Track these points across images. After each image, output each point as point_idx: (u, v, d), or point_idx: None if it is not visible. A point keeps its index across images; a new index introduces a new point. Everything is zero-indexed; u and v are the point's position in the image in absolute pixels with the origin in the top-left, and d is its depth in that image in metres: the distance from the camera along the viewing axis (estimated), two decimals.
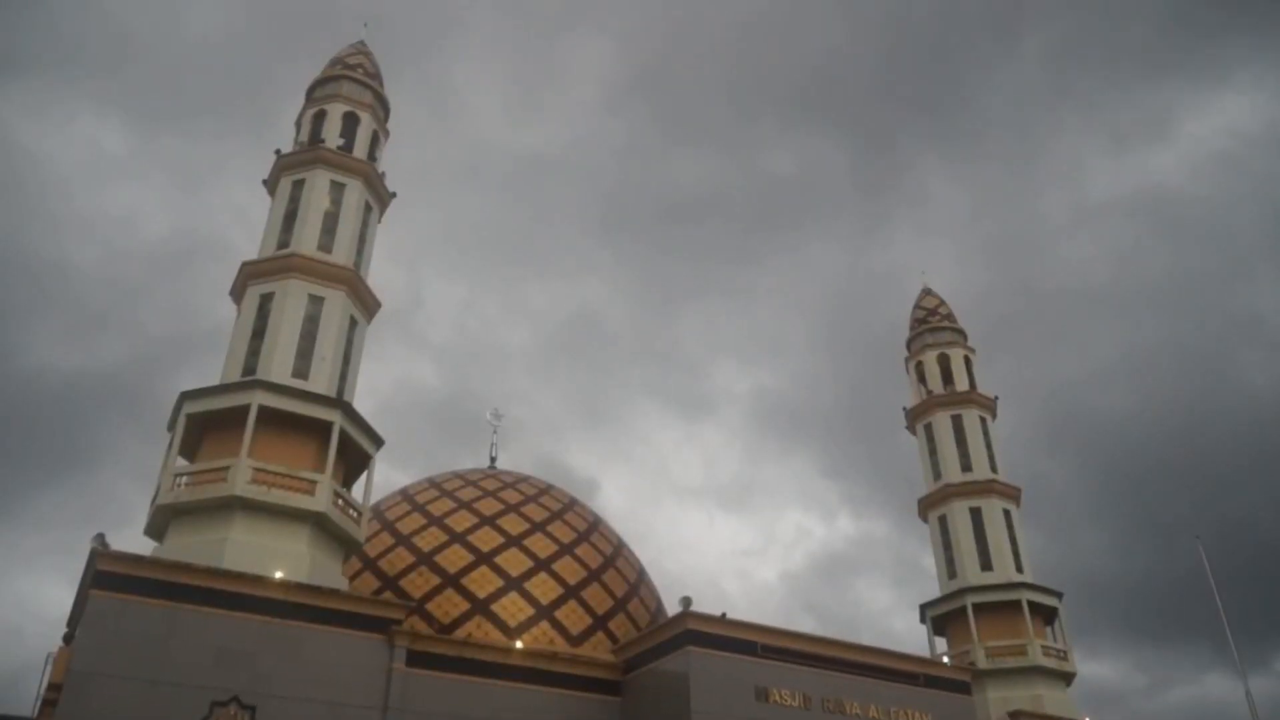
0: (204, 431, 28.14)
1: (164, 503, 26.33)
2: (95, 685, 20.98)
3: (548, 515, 36.12)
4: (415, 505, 35.85)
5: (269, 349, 29.19)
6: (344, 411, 28.61)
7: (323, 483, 27.05)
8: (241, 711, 22.33)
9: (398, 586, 31.47)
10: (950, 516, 40.30)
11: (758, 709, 25.61)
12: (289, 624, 23.66)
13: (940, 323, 45.69)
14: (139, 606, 22.20)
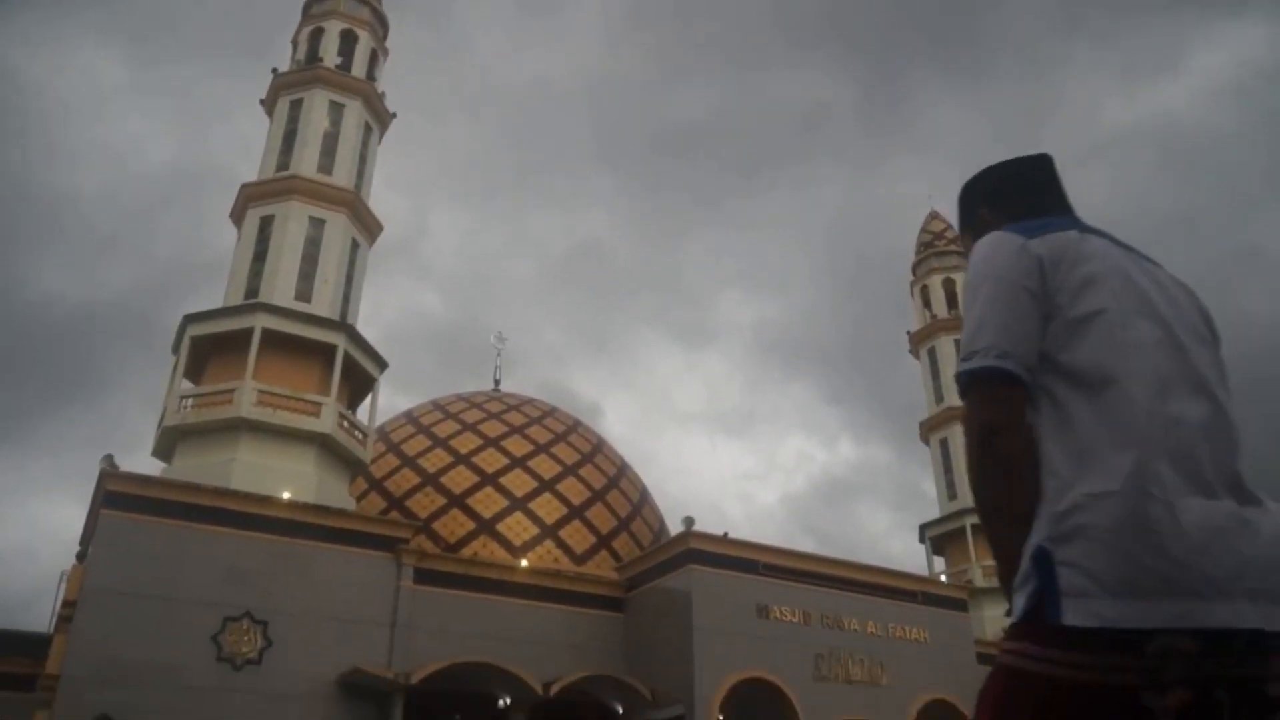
0: (208, 355, 28.27)
1: (170, 425, 26.59)
2: (109, 602, 21.40)
3: (551, 437, 36.44)
4: (420, 427, 36.17)
5: (271, 272, 29.14)
6: (347, 334, 28.70)
7: (328, 405, 27.27)
8: (254, 626, 22.83)
9: (404, 507, 31.91)
10: (951, 439, 40.61)
11: (758, 625, 26.15)
12: (298, 543, 24.06)
13: (946, 246, 45.43)
14: (149, 526, 22.55)
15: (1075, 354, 1.58)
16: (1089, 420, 1.52)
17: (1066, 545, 1.43)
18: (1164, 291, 1.75)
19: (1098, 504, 1.43)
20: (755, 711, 26.48)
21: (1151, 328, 1.63)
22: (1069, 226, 1.76)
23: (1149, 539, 1.39)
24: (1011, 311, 1.58)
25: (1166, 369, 1.60)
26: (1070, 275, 1.62)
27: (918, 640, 28.50)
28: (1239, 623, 1.36)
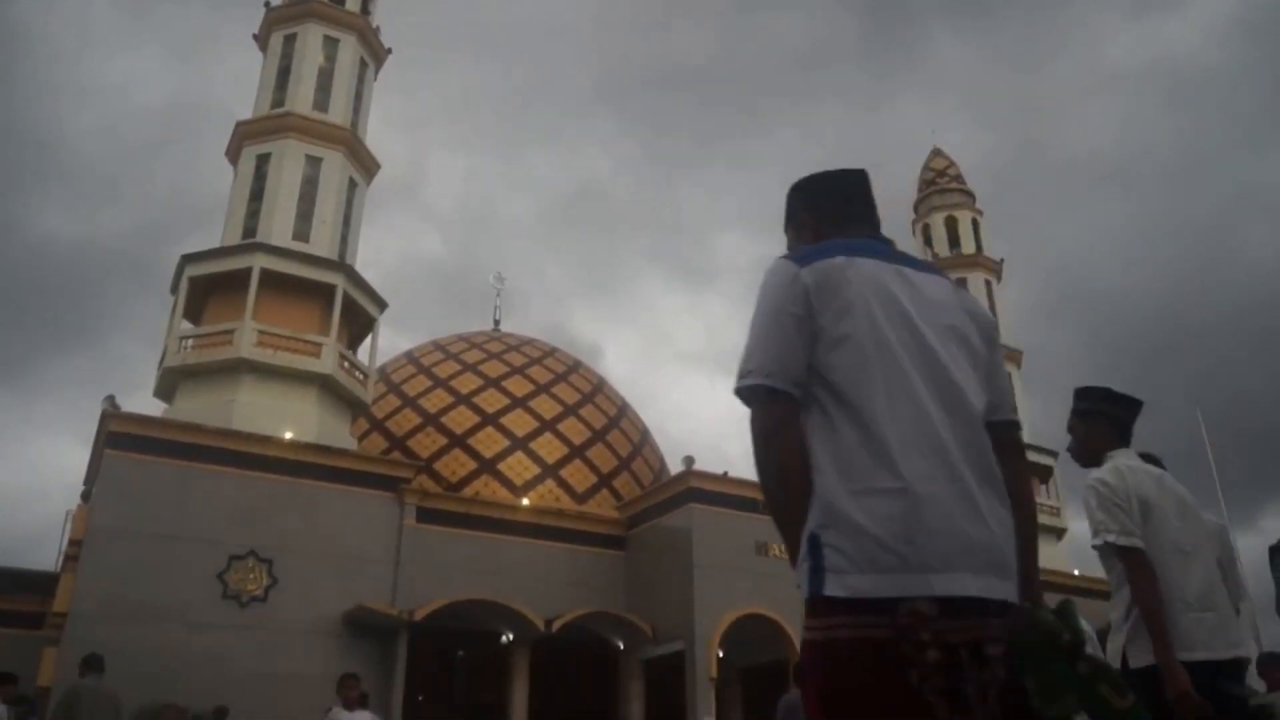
0: (207, 295, 28.15)
1: (171, 366, 26.58)
2: (114, 541, 21.60)
3: (552, 377, 36.47)
4: (421, 368, 36.18)
5: (268, 211, 28.90)
6: (346, 274, 28.55)
7: (328, 345, 27.23)
8: (259, 564, 23.08)
9: (405, 447, 32.04)
10: None
11: (758, 562, 26.40)
12: (301, 482, 24.20)
13: (949, 184, 45.00)
14: (152, 466, 22.66)
15: (836, 369, 1.84)
16: (848, 426, 1.79)
17: (830, 531, 1.74)
18: (924, 302, 1.94)
19: (854, 498, 1.73)
20: (754, 648, 26.88)
21: (904, 340, 1.86)
22: (844, 251, 1.97)
23: (888, 525, 1.69)
24: (780, 335, 1.87)
25: (916, 377, 1.82)
26: (832, 300, 1.87)
27: None
28: (964, 592, 1.67)
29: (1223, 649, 2.97)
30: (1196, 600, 3.02)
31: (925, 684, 1.61)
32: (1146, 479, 3.22)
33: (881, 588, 1.66)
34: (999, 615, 1.71)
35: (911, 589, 1.65)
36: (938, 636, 1.63)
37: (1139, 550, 3.02)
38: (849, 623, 1.67)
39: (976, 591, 1.68)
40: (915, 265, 2.05)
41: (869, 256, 1.98)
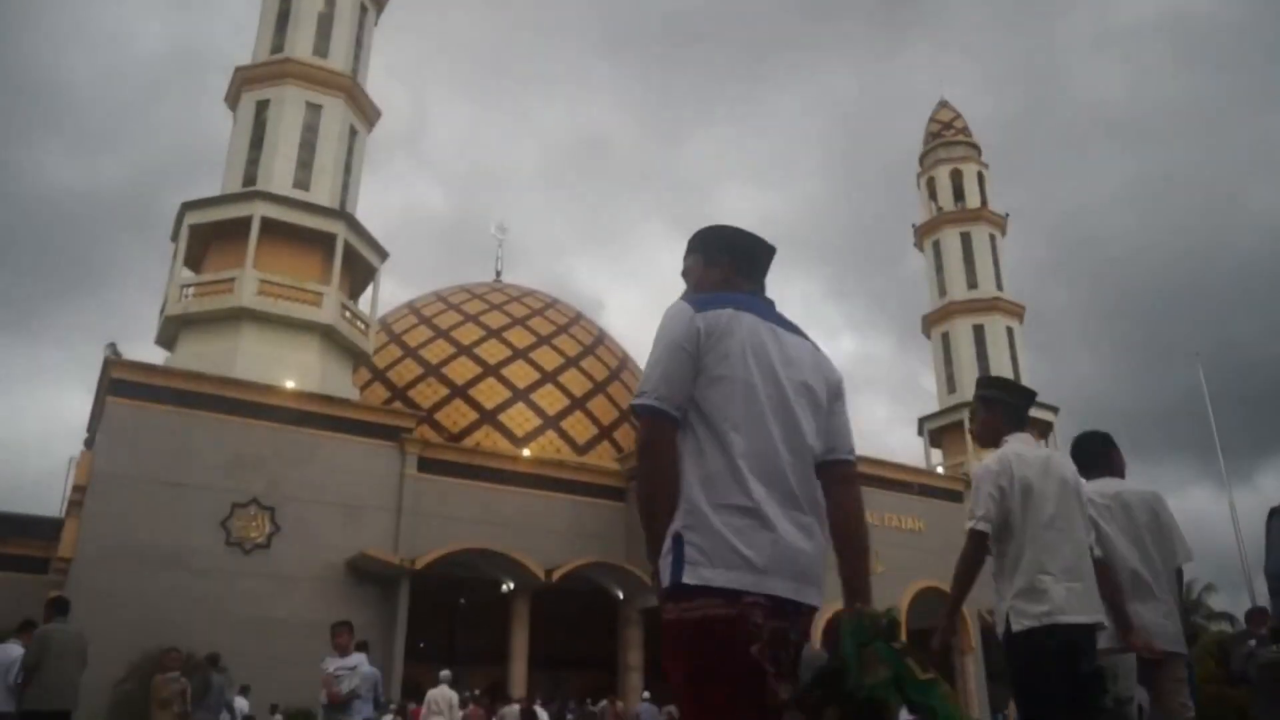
0: (208, 243, 28.04)
1: (172, 314, 26.54)
2: (118, 487, 21.72)
3: (554, 329, 36.45)
4: (422, 318, 36.15)
5: (268, 159, 28.66)
6: (347, 223, 28.40)
7: (329, 295, 27.17)
8: (261, 512, 23.24)
9: (407, 397, 32.11)
10: (953, 333, 40.60)
11: None
12: (303, 431, 24.29)
13: (955, 137, 44.54)
14: (155, 413, 22.72)
15: (710, 403, 2.21)
16: (714, 450, 2.18)
17: (692, 533, 2.12)
18: (787, 360, 2.34)
19: (713, 509, 2.12)
20: None
21: (767, 388, 2.25)
22: (732, 304, 2.33)
23: (739, 535, 2.10)
24: (673, 366, 2.22)
25: (771, 419, 2.22)
26: (717, 345, 2.23)
27: (913, 530, 29.05)
28: (782, 593, 2.10)
29: (1086, 615, 3.35)
30: (1064, 572, 3.39)
31: (763, 655, 2.06)
32: (1032, 464, 3.58)
33: (729, 581, 2.08)
34: (804, 614, 2.21)
35: (750, 586, 2.08)
36: (765, 622, 2.08)
37: (982, 534, 3.53)
38: (702, 605, 2.07)
39: (792, 595, 2.14)
40: (786, 326, 2.45)
41: (752, 313, 2.35)
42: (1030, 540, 3.47)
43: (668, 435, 2.21)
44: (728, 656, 2.04)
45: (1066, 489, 3.59)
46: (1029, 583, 3.43)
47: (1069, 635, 3.32)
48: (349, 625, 8.47)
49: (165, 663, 10.76)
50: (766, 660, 2.05)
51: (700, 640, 2.07)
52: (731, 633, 2.04)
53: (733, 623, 2.05)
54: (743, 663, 2.03)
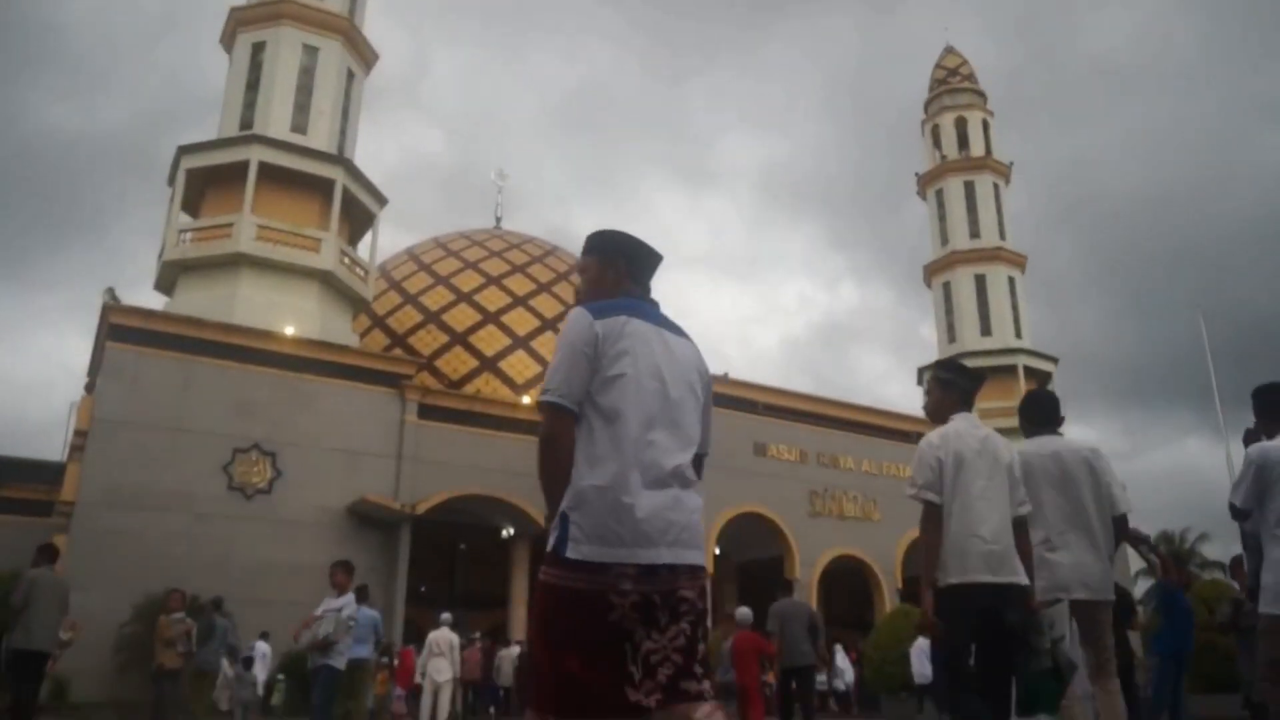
0: (205, 187, 27.84)
1: (170, 259, 26.45)
2: (119, 432, 21.80)
3: (553, 276, 36.32)
4: (422, 265, 36.02)
5: (265, 102, 28.35)
6: (346, 168, 28.17)
7: (328, 241, 27.04)
8: (263, 457, 23.35)
9: (406, 344, 32.12)
10: (954, 283, 40.50)
11: (756, 463, 26.74)
12: (303, 378, 24.32)
13: (960, 83, 43.97)
14: (155, 359, 22.73)
15: (603, 399, 2.53)
16: (602, 440, 2.50)
17: (576, 512, 2.45)
18: (673, 360, 2.67)
19: (594, 491, 2.44)
20: (752, 544, 27.43)
21: (654, 385, 2.57)
22: (625, 310, 2.66)
23: (613, 514, 2.41)
24: (573, 366, 2.54)
25: (654, 412, 2.55)
26: (612, 349, 2.56)
27: None
28: (660, 560, 2.43)
29: (1004, 576, 3.73)
30: (991, 537, 3.76)
31: (624, 619, 2.40)
32: (968, 440, 3.95)
33: (602, 556, 2.40)
34: (693, 573, 2.52)
35: (621, 558, 2.41)
36: (637, 588, 2.41)
37: (929, 503, 3.86)
38: (573, 577, 2.41)
39: (670, 560, 2.46)
40: (671, 328, 2.78)
41: (642, 318, 2.68)
42: (961, 508, 3.82)
43: (566, 427, 2.54)
44: (588, 621, 2.40)
45: (998, 465, 3.96)
46: (957, 546, 3.79)
47: (987, 593, 3.71)
48: (345, 564, 8.56)
49: (170, 604, 10.91)
50: (633, 621, 2.41)
51: (563, 608, 2.43)
52: (594, 602, 2.40)
53: (594, 595, 2.40)
54: (601, 626, 2.39)
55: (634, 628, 2.41)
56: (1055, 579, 4.08)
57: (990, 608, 3.68)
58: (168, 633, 10.51)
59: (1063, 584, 4.07)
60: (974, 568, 3.73)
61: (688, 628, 2.47)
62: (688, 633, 2.47)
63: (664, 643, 2.43)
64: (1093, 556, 4.17)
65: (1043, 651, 3.68)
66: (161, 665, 10.39)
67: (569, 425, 2.54)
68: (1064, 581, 4.07)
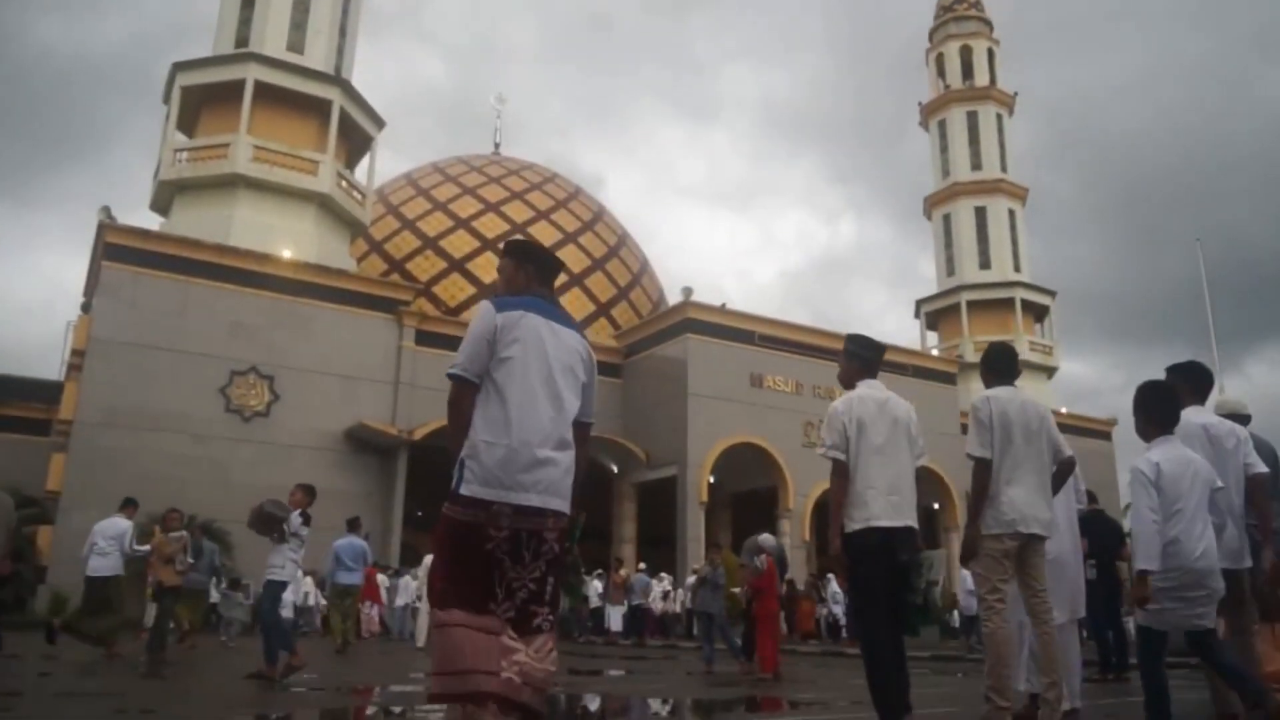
0: (201, 106, 27.42)
1: (166, 178, 26.17)
2: (116, 352, 21.81)
3: (552, 204, 36.03)
4: (419, 190, 35.67)
5: (260, 18, 27.78)
6: (343, 89, 27.74)
7: (325, 163, 26.74)
8: (260, 380, 23.40)
9: (404, 270, 31.98)
10: (955, 215, 40.25)
11: (752, 393, 26.85)
12: (301, 301, 24.26)
13: (967, 10, 43.14)
14: (151, 279, 22.64)
15: (498, 375, 3.15)
16: (494, 406, 3.12)
17: (470, 460, 3.06)
18: (559, 345, 3.28)
19: (485, 445, 3.06)
20: (746, 474, 27.67)
21: (539, 366, 3.19)
22: (523, 306, 3.27)
23: (499, 464, 3.03)
24: (475, 348, 3.16)
25: (537, 387, 3.16)
26: (507, 335, 3.17)
27: None
28: (530, 503, 3.04)
29: (898, 520, 4.28)
30: (887, 488, 4.32)
31: (496, 548, 3.03)
32: (869, 405, 4.51)
33: (487, 495, 3.02)
34: (555, 517, 3.13)
35: (501, 498, 3.01)
36: (510, 525, 3.03)
37: (837, 460, 4.41)
38: (465, 512, 3.04)
39: (538, 504, 3.07)
40: (561, 321, 3.35)
41: (537, 313, 3.28)
42: (863, 463, 4.37)
43: (467, 394, 3.16)
44: (471, 547, 3.05)
45: (897, 425, 4.50)
46: (858, 496, 4.33)
47: (885, 536, 4.24)
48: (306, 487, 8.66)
49: (168, 522, 11.05)
50: (502, 552, 3.04)
51: (455, 535, 3.07)
52: (474, 534, 3.04)
53: (479, 526, 3.03)
54: (479, 553, 3.04)
55: (503, 558, 3.05)
56: (1013, 512, 4.41)
57: (886, 547, 4.25)
58: (166, 549, 10.65)
59: (1021, 517, 4.41)
60: (873, 515, 4.28)
61: (544, 566, 3.12)
62: (543, 569, 3.12)
63: (523, 575, 3.08)
64: (1041, 497, 4.51)
65: (917, 589, 4.30)
66: (161, 582, 10.55)
67: (470, 392, 3.16)
68: (1022, 515, 4.41)
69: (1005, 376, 4.82)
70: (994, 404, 4.59)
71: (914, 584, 4.30)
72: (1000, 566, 4.38)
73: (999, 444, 4.52)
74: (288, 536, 8.05)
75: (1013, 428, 4.56)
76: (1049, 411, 4.82)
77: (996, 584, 4.37)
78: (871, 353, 4.81)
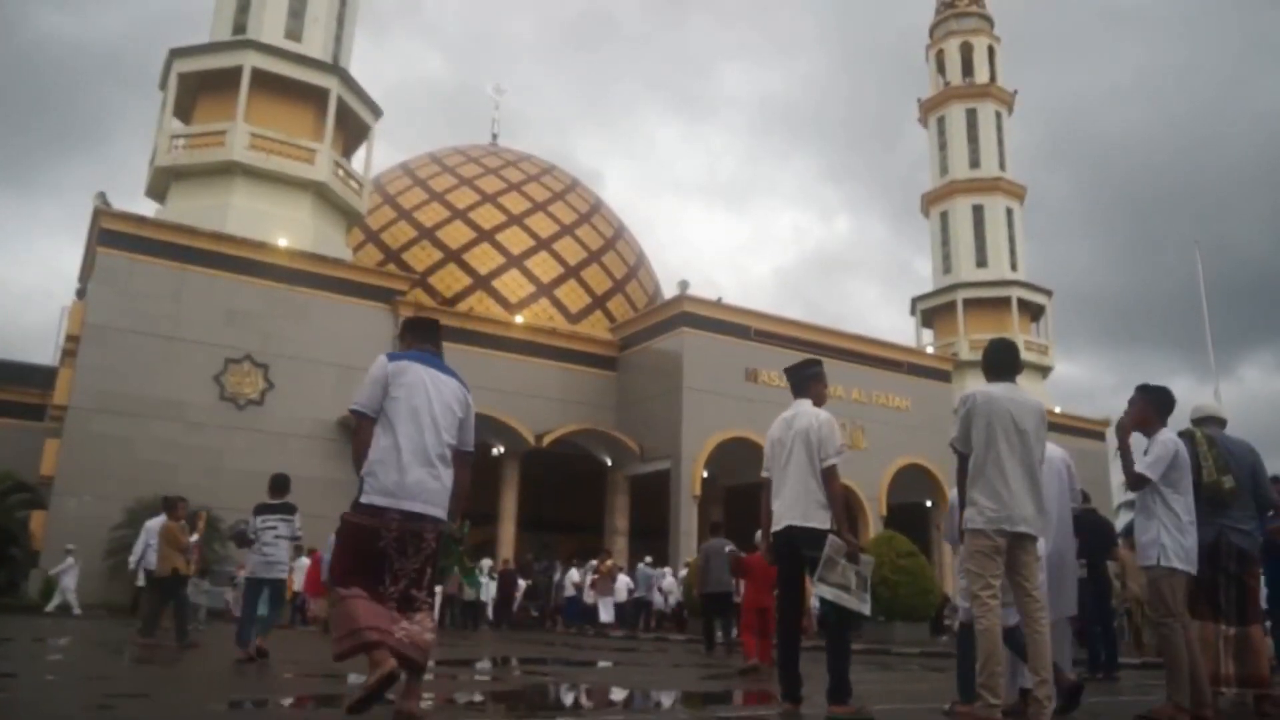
0: (198, 93, 27.36)
1: (162, 165, 26.10)
2: (111, 338, 21.79)
3: (549, 195, 35.99)
4: (416, 180, 35.59)
5: (258, 6, 27.70)
6: (340, 77, 27.67)
7: (322, 152, 26.69)
8: (255, 368, 23.39)
9: (400, 260, 31.93)
10: (952, 213, 40.25)
11: (746, 388, 26.86)
12: (296, 290, 24.24)
13: (968, 7, 43.07)
14: (146, 266, 22.62)
15: (389, 411, 4.04)
16: (388, 434, 4.02)
17: (369, 476, 3.93)
18: (439, 388, 4.19)
19: (380, 464, 3.94)
20: (739, 469, 27.68)
21: (423, 404, 4.08)
22: (409, 359, 4.22)
23: (391, 478, 3.91)
24: (373, 390, 4.07)
25: (424, 421, 4.05)
26: (396, 380, 4.09)
27: (899, 408, 29.43)
28: (413, 509, 3.90)
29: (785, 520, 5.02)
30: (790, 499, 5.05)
31: (387, 545, 3.87)
32: (779, 426, 5.27)
33: (383, 502, 3.89)
34: (434, 522, 4.00)
35: (391, 504, 3.89)
36: (399, 527, 3.88)
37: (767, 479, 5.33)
38: (363, 516, 3.91)
39: (420, 511, 3.93)
40: (443, 370, 4.31)
41: (422, 364, 4.24)
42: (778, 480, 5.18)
43: (367, 426, 4.07)
44: (365, 546, 3.89)
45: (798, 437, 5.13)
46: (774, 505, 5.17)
47: (788, 534, 5.00)
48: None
49: (179, 512, 10.99)
50: (391, 549, 3.89)
51: (354, 534, 3.93)
52: (370, 534, 3.89)
53: (371, 529, 3.89)
54: (373, 550, 3.87)
55: (392, 553, 3.89)
56: (999, 510, 4.42)
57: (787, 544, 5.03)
58: (183, 539, 10.68)
59: (1008, 515, 4.42)
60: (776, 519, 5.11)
61: (423, 560, 3.98)
62: (422, 562, 3.97)
63: (407, 565, 3.92)
64: (1030, 496, 4.49)
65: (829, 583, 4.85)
66: (176, 570, 10.55)
67: (370, 424, 4.07)
68: (1008, 513, 4.42)
69: (1005, 373, 4.81)
70: (980, 398, 4.62)
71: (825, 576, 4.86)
72: (992, 563, 4.38)
73: (984, 440, 4.52)
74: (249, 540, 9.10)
75: (1000, 425, 4.53)
76: (1044, 413, 4.83)
77: (989, 580, 4.37)
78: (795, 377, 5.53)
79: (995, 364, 4.86)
